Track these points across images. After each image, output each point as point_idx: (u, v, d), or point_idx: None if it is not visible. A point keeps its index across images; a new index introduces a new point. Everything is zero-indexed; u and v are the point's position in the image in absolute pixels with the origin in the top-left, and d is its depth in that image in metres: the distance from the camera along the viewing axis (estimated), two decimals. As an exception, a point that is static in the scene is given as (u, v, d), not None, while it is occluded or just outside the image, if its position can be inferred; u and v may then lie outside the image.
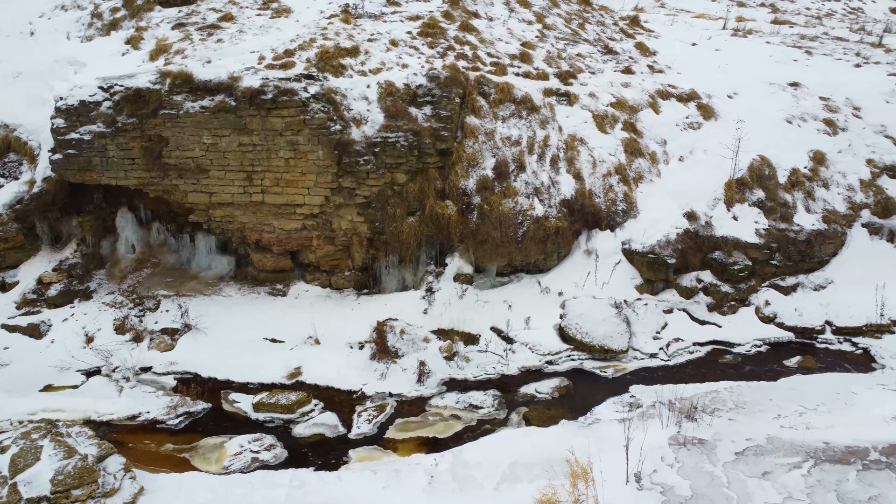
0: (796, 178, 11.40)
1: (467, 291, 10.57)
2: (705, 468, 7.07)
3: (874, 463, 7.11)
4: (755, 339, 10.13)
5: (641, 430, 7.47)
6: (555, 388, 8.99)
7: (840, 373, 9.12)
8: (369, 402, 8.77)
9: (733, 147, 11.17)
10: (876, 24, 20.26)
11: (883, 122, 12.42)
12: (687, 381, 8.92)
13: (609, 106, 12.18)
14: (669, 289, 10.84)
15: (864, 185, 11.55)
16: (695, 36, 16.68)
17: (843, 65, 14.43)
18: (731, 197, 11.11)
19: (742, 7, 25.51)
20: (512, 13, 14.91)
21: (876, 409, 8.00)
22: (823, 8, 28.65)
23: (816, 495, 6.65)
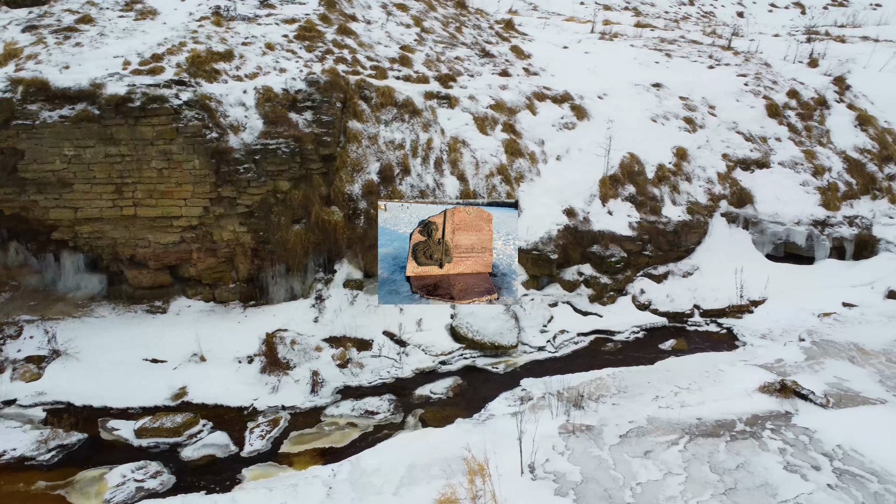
0: (662, 174, 12.21)
1: (358, 297, 10.51)
2: (593, 453, 7.43)
3: (740, 433, 7.75)
4: (633, 326, 10.76)
5: (533, 422, 7.73)
6: (449, 388, 9.13)
7: (708, 352, 9.85)
8: (261, 417, 8.52)
9: (605, 145, 11.79)
10: (725, 29, 22.04)
11: (734, 118, 13.55)
12: (574, 370, 9.32)
13: (489, 108, 12.50)
14: (553, 283, 11.30)
15: (721, 178, 12.55)
16: (566, 39, 17.43)
17: (698, 66, 15.59)
18: (606, 193, 11.73)
19: (608, 11, 26.92)
20: (390, 17, 14.96)
21: (739, 383, 8.73)
22: (680, 12, 30.77)
23: (692, 468, 7.17)
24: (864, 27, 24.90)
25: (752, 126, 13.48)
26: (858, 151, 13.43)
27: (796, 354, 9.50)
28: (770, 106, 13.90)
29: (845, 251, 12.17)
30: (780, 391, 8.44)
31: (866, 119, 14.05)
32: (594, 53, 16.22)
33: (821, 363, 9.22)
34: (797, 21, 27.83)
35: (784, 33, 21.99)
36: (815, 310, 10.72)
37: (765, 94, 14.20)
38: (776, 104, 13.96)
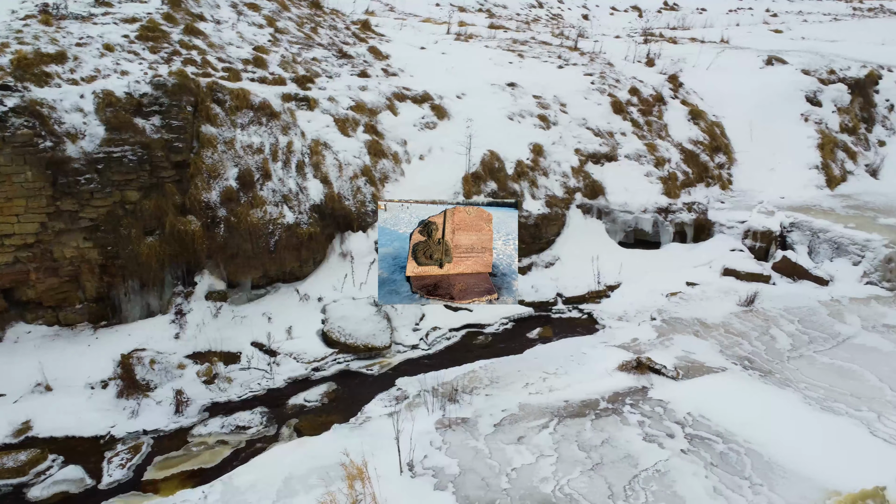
0: (521, 169, 12.70)
1: (222, 309, 10.06)
2: (470, 444, 7.59)
3: (604, 411, 8.23)
4: (502, 318, 11.11)
5: (410, 420, 7.78)
6: (324, 394, 8.97)
7: (572, 337, 10.35)
8: (121, 445, 7.93)
9: (466, 144, 12.08)
10: (572, 31, 23.30)
11: (584, 115, 14.36)
12: (447, 365, 9.47)
13: (349, 109, 12.41)
14: (423, 281, 11.40)
15: (575, 172, 13.25)
16: (423, 40, 17.66)
17: (549, 66, 16.37)
18: (469, 190, 12.02)
19: (463, 12, 27.58)
20: (241, 16, 14.44)
21: (601, 364, 9.27)
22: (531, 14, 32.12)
23: (562, 448, 7.51)
24: (692, 29, 27.29)
25: (600, 122, 14.35)
26: (693, 143, 14.69)
27: (649, 333, 10.22)
28: (615, 103, 14.86)
29: (686, 235, 13.27)
30: (636, 368, 9.05)
31: (698, 113, 15.40)
32: (451, 54, 16.57)
33: (670, 339, 9.98)
34: (635, 23, 29.95)
35: (624, 35, 23.59)
36: (663, 290, 11.60)
37: (610, 91, 15.16)
38: (620, 101, 14.95)
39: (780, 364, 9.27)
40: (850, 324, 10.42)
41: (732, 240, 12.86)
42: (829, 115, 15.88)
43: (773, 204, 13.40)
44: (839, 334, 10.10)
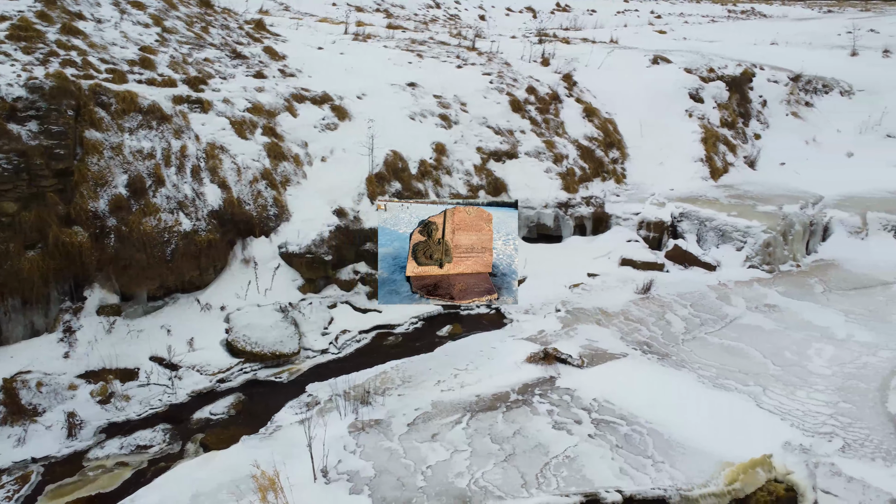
0: (425, 169, 12.77)
1: (116, 324, 9.52)
2: (384, 445, 7.56)
3: (514, 403, 8.41)
4: (411, 318, 11.13)
5: (322, 426, 7.65)
6: (231, 406, 8.67)
7: (481, 333, 10.51)
8: (6, 476, 7.34)
9: (368, 144, 12.01)
10: (469, 31, 23.64)
11: (484, 114, 14.61)
12: (359, 368, 9.38)
13: (246, 111, 12.05)
14: (331, 284, 11.26)
15: (477, 170, 13.46)
16: (321, 40, 17.41)
17: (448, 66, 16.54)
18: (374, 191, 11.96)
19: (361, 12, 27.41)
20: (125, 15, 13.70)
21: (510, 357, 9.46)
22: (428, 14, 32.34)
23: (475, 442, 7.62)
24: (584, 30, 28.35)
25: (499, 120, 14.64)
26: (588, 140, 15.26)
27: (555, 324, 10.53)
28: (513, 102, 15.21)
29: (586, 228, 13.77)
30: (544, 359, 9.30)
31: (592, 111, 16.02)
32: (350, 54, 16.42)
33: (575, 329, 10.33)
34: (530, 24, 30.77)
35: (520, 35, 24.18)
36: (566, 282, 11.98)
37: (508, 91, 15.50)
38: (518, 100, 15.31)
39: (676, 347, 9.79)
40: (735, 305, 11.16)
41: (628, 231, 13.46)
42: (710, 111, 16.92)
43: (663, 196, 14.14)
44: (727, 316, 10.78)
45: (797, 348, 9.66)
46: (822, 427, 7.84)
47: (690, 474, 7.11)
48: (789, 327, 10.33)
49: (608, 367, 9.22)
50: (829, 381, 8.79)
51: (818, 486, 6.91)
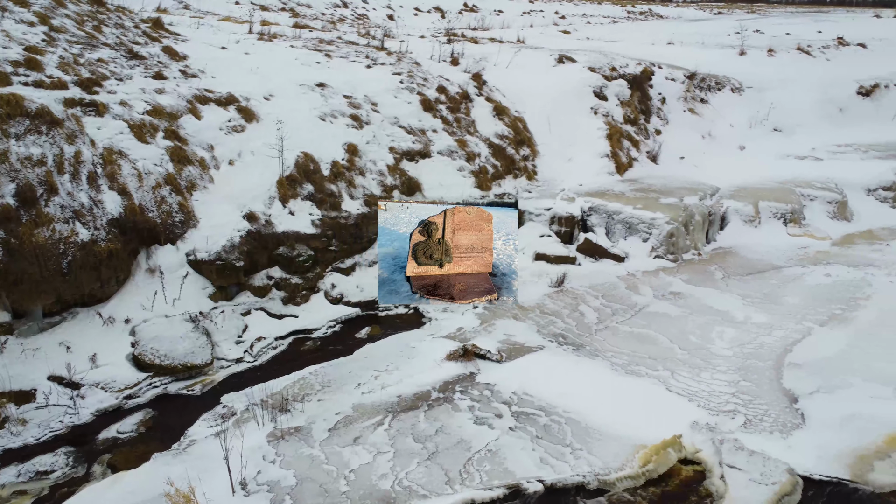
0: (337, 170, 12.60)
1: (8, 343, 8.88)
2: (305, 453, 7.42)
3: (436, 401, 8.44)
4: (329, 321, 10.97)
5: (239, 437, 7.43)
6: (140, 423, 8.26)
7: (400, 333, 10.48)
8: None
9: (278, 146, 11.74)
10: (378, 31, 23.53)
11: (396, 114, 14.57)
12: (276, 375, 9.16)
13: (146, 114, 11.51)
14: (244, 291, 10.94)
15: (391, 170, 13.41)
16: (223, 40, 16.86)
17: (357, 66, 16.39)
18: (285, 194, 11.70)
19: (266, 11, 26.77)
20: (5, 13, 12.78)
21: (430, 355, 9.48)
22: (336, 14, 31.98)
23: (398, 443, 7.60)
24: (491, 30, 28.79)
25: (411, 120, 14.64)
26: (499, 138, 15.50)
27: (473, 321, 10.64)
28: (424, 101, 15.25)
29: (500, 224, 13.97)
30: (463, 356, 9.39)
31: (502, 110, 16.28)
32: (255, 54, 15.99)
33: (493, 325, 10.47)
34: (438, 24, 30.97)
35: (429, 35, 24.28)
36: (482, 279, 12.13)
37: (419, 90, 15.53)
38: (429, 99, 15.37)
39: (590, 337, 10.10)
40: (644, 294, 11.63)
41: (541, 226, 13.77)
42: (614, 108, 17.55)
43: (573, 191, 14.55)
44: (636, 304, 11.22)
45: (701, 332, 10.17)
46: (725, 406, 8.29)
47: (607, 459, 7.35)
48: (693, 313, 10.87)
49: (526, 360, 9.41)
50: (730, 362, 9.31)
51: (724, 461, 7.29)
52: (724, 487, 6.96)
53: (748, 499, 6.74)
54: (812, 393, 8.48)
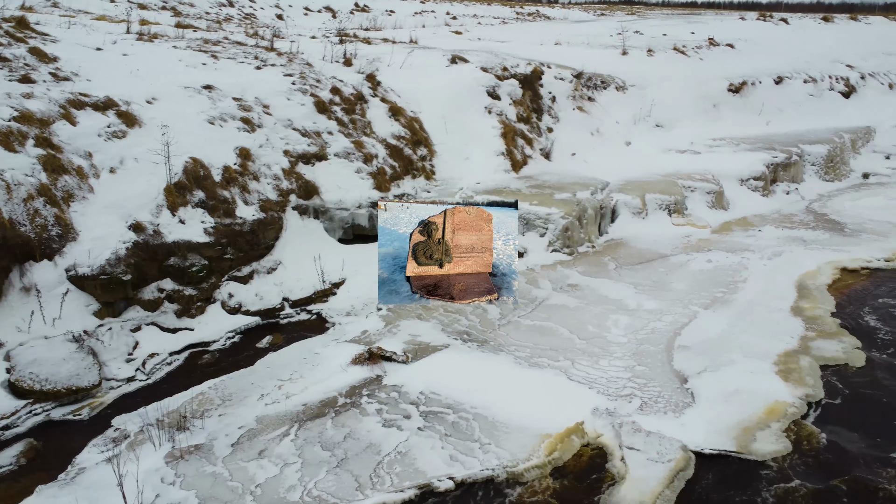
0: (230, 175, 12.16)
1: None
2: (207, 471, 7.11)
3: (342, 407, 8.32)
4: (228, 332, 10.58)
5: (134, 461, 7.03)
6: (20, 454, 7.62)
7: (304, 340, 10.27)
8: None
9: (164, 152, 11.17)
10: (267, 31, 22.90)
11: (289, 116, 14.24)
12: (172, 393, 8.73)
13: (13, 121, 10.64)
14: (133, 306, 10.35)
15: (286, 174, 13.09)
16: (98, 40, 15.88)
17: (246, 67, 15.89)
18: (174, 201, 11.16)
19: (144, 10, 25.47)
20: None
21: (335, 361, 9.35)
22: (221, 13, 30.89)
23: (306, 452, 7.43)
24: (384, 30, 28.71)
25: (305, 122, 14.35)
26: (396, 138, 15.48)
27: (377, 323, 10.58)
28: (318, 103, 14.99)
29: (400, 225, 13.95)
30: (369, 359, 9.31)
31: (397, 110, 16.26)
32: (135, 56, 15.16)
33: (397, 326, 10.45)
34: (329, 24, 30.55)
35: (320, 35, 23.90)
36: (385, 280, 12.07)
37: (312, 92, 15.24)
38: (323, 101, 15.12)
39: (493, 332, 10.28)
40: (543, 288, 11.97)
41: (441, 225, 13.87)
42: (507, 108, 17.95)
43: (471, 189, 14.76)
44: (536, 298, 11.53)
45: (598, 322, 10.59)
46: (623, 390, 8.67)
47: (515, 451, 7.51)
48: (590, 303, 11.29)
49: (432, 359, 9.45)
50: (625, 349, 9.75)
51: (623, 443, 7.62)
52: (624, 469, 7.27)
53: (646, 477, 7.08)
54: (700, 372, 9.03)
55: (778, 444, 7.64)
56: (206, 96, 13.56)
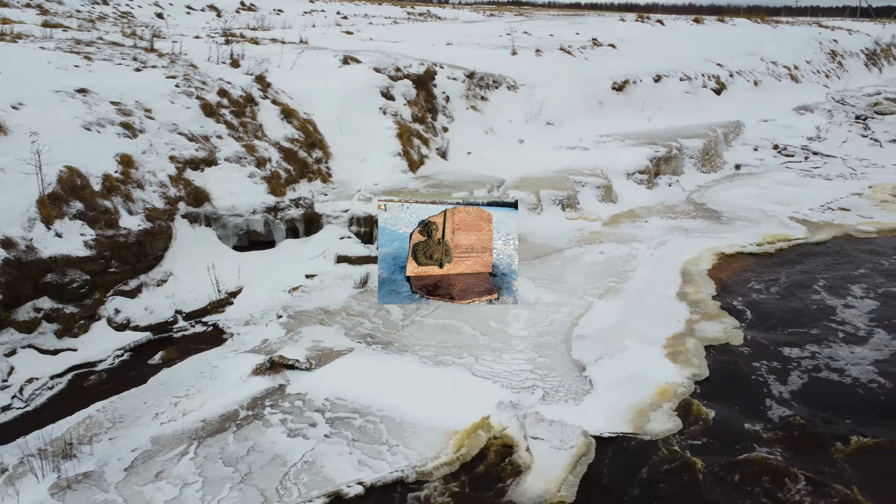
0: (111, 184, 11.46)
1: None
2: (98, 499, 6.70)
3: (244, 420, 8.05)
4: (116, 350, 9.98)
5: (13, 496, 6.50)
6: None
7: (200, 353, 9.84)
8: None
9: (34, 162, 10.37)
10: (146, 30, 21.76)
11: (174, 120, 13.59)
12: (56, 419, 8.14)
13: None
14: (6, 328, 9.55)
15: (174, 181, 12.50)
16: (-46, 40, 14.54)
17: (124, 69, 15.03)
18: (49, 214, 10.39)
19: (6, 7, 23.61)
20: None
21: (235, 373, 9.04)
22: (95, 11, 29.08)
23: (207, 470, 7.14)
24: (272, 30, 28.00)
25: (192, 126, 13.76)
26: (289, 141, 15.14)
27: (278, 331, 10.31)
28: (205, 106, 14.41)
29: (299, 230, 13.68)
30: (271, 369, 9.06)
31: (290, 112, 15.91)
32: (-3, 57, 13.99)
33: (299, 333, 10.23)
34: (214, 23, 29.44)
35: (204, 35, 22.98)
36: (285, 287, 11.79)
37: (198, 94, 14.63)
38: (210, 104, 14.55)
39: (397, 334, 10.27)
40: (445, 286, 12.07)
41: (340, 228, 13.71)
42: (402, 108, 17.97)
43: (369, 191, 14.67)
44: (438, 297, 11.61)
45: (499, 317, 10.80)
46: (525, 382, 8.90)
47: (423, 450, 7.54)
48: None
49: (336, 364, 9.32)
50: (526, 342, 10.01)
51: (528, 434, 7.83)
52: (530, 459, 7.47)
53: (551, 465, 7.30)
54: (597, 360, 9.41)
55: (669, 422, 8.09)
56: (80, 100, 12.71)
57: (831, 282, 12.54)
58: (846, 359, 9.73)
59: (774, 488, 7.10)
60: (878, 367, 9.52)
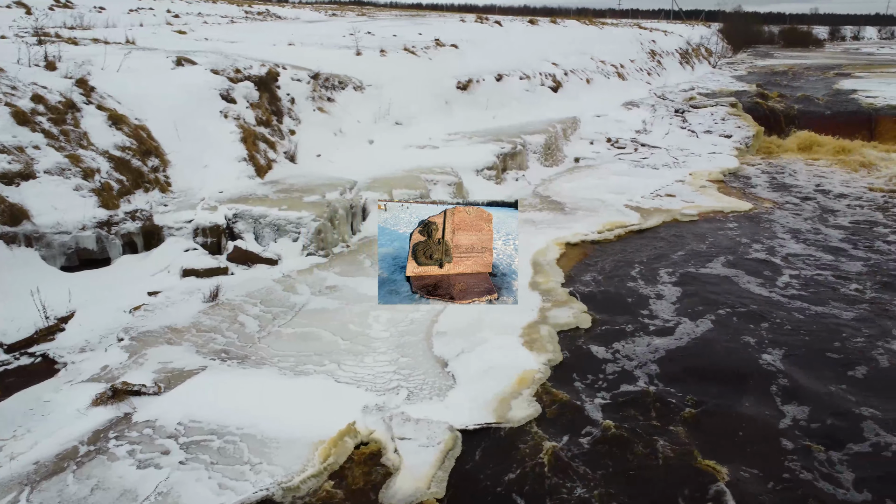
0: None
1: None
2: None
3: (85, 456, 7.34)
4: (-78, 395, 8.71)
5: None
6: None
7: (28, 388, 8.83)
8: None
9: None
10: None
11: (-20, 130, 12.10)
12: None
13: None
14: None
15: (-17, 197, 11.13)
16: None
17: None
18: None
19: None
20: None
21: (70, 406, 8.19)
22: None
23: (44, 519, 6.42)
24: (93, 29, 25.80)
25: (3, 137, 12.32)
26: (121, 150, 14.00)
27: (120, 356, 9.51)
28: (17, 113, 12.95)
29: (137, 245, 12.70)
30: (113, 397, 8.34)
31: (119, 118, 14.71)
32: None
33: (144, 355, 9.50)
34: (23, 22, 26.63)
35: (12, 34, 20.70)
36: (124, 307, 10.89)
37: (7, 101, 13.12)
38: (23, 111, 13.11)
39: (254, 346, 9.84)
40: (301, 293, 11.75)
41: (184, 240, 12.90)
42: (244, 111, 17.24)
43: (214, 199, 13.93)
44: (295, 305, 11.28)
45: (359, 320, 10.69)
46: (389, 384, 8.86)
47: (289, 464, 7.28)
48: (350, 303, 11.35)
49: (188, 385, 8.76)
50: (388, 343, 9.98)
51: (395, 435, 7.80)
52: (398, 459, 7.44)
53: (419, 464, 7.33)
54: (458, 355, 9.58)
55: (530, 408, 8.42)
56: None
57: (664, 262, 13.68)
58: (685, 332, 10.64)
59: (629, 457, 7.61)
60: (711, 335, 10.51)
